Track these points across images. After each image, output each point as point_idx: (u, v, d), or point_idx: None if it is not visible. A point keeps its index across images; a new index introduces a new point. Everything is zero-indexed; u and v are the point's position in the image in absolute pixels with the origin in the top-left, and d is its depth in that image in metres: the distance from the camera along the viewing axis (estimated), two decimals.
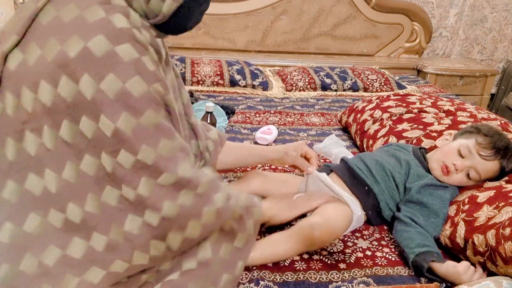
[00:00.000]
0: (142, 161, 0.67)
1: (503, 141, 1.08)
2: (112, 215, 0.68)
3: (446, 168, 1.08)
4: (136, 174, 0.67)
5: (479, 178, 1.07)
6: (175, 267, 0.76)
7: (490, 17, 3.00)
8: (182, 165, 0.71)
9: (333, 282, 0.89)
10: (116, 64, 0.64)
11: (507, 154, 1.07)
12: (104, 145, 0.65)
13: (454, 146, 1.11)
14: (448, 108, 1.53)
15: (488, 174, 1.07)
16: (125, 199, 0.68)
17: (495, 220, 0.91)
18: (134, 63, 0.65)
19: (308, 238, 0.91)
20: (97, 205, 0.68)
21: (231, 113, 1.83)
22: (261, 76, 2.27)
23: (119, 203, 0.68)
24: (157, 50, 0.73)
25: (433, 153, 1.17)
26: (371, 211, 1.08)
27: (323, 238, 0.92)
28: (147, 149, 0.67)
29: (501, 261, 0.85)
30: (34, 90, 0.63)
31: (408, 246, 0.96)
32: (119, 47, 0.64)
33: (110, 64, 0.63)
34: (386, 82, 2.36)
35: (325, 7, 2.71)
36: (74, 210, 0.67)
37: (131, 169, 0.66)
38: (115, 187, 0.67)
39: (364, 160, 1.15)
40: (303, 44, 2.81)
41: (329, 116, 1.92)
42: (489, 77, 2.80)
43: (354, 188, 1.09)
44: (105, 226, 0.68)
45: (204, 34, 2.66)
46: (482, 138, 1.08)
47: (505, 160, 1.07)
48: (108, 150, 0.66)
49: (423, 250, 0.93)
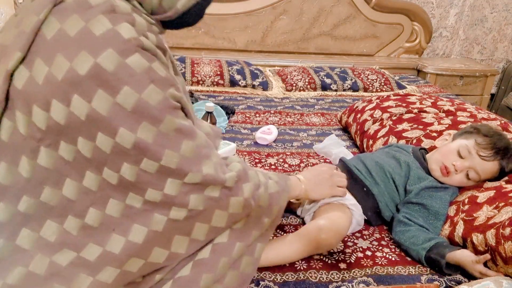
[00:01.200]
0: (166, 166, 0.67)
1: (502, 141, 1.08)
2: (135, 216, 0.68)
3: (445, 169, 1.08)
4: (162, 177, 0.67)
5: (478, 178, 1.07)
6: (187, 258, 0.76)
7: (490, 17, 3.00)
8: (207, 163, 0.72)
9: (333, 282, 0.89)
10: (129, 76, 0.63)
11: (506, 155, 1.07)
12: (124, 157, 0.65)
13: (453, 146, 1.11)
14: (448, 108, 1.53)
15: (488, 174, 1.07)
16: (151, 202, 0.68)
17: (494, 220, 0.91)
18: (146, 72, 0.65)
19: (315, 241, 0.91)
20: (119, 209, 0.68)
21: (231, 113, 1.83)
22: (261, 76, 2.27)
23: (144, 205, 0.68)
24: (163, 49, 0.73)
25: (433, 154, 1.17)
26: (371, 212, 1.08)
27: (329, 241, 0.92)
28: (170, 153, 0.67)
29: (501, 261, 0.85)
30: (46, 109, 0.62)
31: (415, 243, 0.96)
32: (129, 59, 0.63)
33: (123, 77, 0.62)
34: (386, 82, 2.36)
35: (325, 7, 2.71)
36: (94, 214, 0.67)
37: (156, 173, 0.67)
38: (139, 194, 0.67)
39: (363, 161, 1.15)
40: (303, 44, 2.81)
41: (329, 116, 1.92)
42: (489, 77, 2.80)
43: (353, 189, 1.09)
44: (126, 227, 0.68)
45: (204, 34, 2.66)
46: (482, 138, 1.08)
47: (504, 160, 1.06)
48: (130, 160, 0.65)
49: (432, 243, 0.94)
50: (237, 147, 1.49)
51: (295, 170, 1.36)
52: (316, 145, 1.54)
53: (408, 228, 1.00)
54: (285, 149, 1.53)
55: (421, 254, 0.94)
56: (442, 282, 0.91)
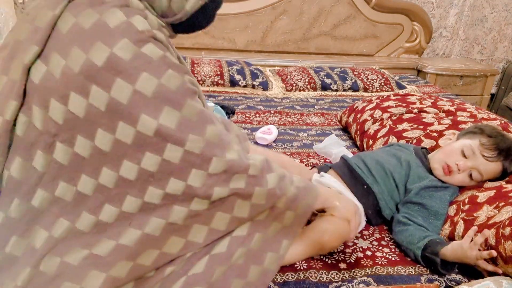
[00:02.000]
0: (191, 151, 0.66)
1: (506, 142, 1.07)
2: (153, 210, 0.67)
3: (448, 168, 1.08)
4: (186, 166, 0.66)
5: (481, 178, 1.07)
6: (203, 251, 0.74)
7: (490, 17, 3.00)
8: (230, 149, 0.71)
9: (333, 282, 0.89)
10: (147, 63, 0.63)
11: (509, 156, 1.06)
12: (146, 146, 0.64)
13: (457, 146, 1.11)
14: (448, 108, 1.53)
15: (490, 175, 1.07)
16: (171, 195, 0.67)
17: (495, 219, 0.91)
18: (162, 59, 0.65)
19: (318, 243, 0.91)
20: (137, 206, 0.67)
21: (231, 113, 1.83)
22: (261, 76, 2.27)
23: (163, 200, 0.67)
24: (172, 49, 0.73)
25: (435, 153, 1.17)
26: (371, 210, 1.08)
27: (332, 244, 0.91)
28: (194, 138, 0.66)
29: (501, 260, 0.85)
30: (64, 102, 0.62)
31: (411, 242, 0.96)
32: (144, 47, 0.64)
33: (141, 64, 0.63)
34: (386, 82, 2.36)
35: (325, 7, 2.71)
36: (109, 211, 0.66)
37: (180, 162, 0.66)
38: (159, 187, 0.66)
39: (364, 159, 1.15)
40: (303, 44, 2.81)
41: (329, 116, 1.92)
42: (489, 77, 2.80)
43: (353, 186, 1.09)
44: (143, 221, 0.67)
45: (204, 34, 2.66)
46: (486, 139, 1.07)
47: (507, 161, 1.06)
48: (153, 149, 0.64)
49: (426, 241, 0.93)
50: None
51: None
52: (316, 145, 1.54)
53: (407, 227, 1.00)
54: (285, 149, 1.53)
55: (417, 253, 0.94)
56: (442, 282, 0.91)
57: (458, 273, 0.94)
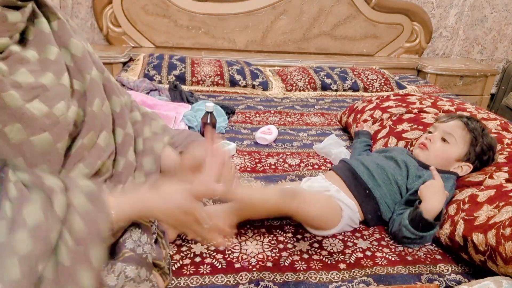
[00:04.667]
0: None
1: (455, 114, 1.33)
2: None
3: (422, 143, 1.21)
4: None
5: (454, 138, 1.17)
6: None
7: (490, 17, 3.00)
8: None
9: (333, 282, 0.89)
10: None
11: (462, 116, 1.22)
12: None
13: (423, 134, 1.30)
14: (448, 108, 1.53)
15: (457, 131, 1.17)
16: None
17: (495, 219, 0.91)
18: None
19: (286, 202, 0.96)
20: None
21: (231, 113, 1.83)
22: (261, 76, 2.27)
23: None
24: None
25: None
26: (371, 214, 1.09)
27: (299, 213, 0.98)
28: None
29: (501, 261, 0.85)
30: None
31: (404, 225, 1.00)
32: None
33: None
34: (386, 82, 2.36)
35: (325, 7, 2.71)
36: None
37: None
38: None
39: (364, 163, 1.16)
40: (303, 44, 2.81)
41: (329, 116, 1.92)
42: (489, 77, 2.80)
43: (354, 190, 1.10)
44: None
45: (204, 34, 2.66)
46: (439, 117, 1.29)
47: (464, 118, 1.21)
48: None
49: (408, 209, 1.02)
50: (237, 147, 1.50)
51: (295, 170, 1.36)
52: (316, 145, 1.54)
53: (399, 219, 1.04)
54: (285, 149, 1.53)
55: (408, 226, 0.99)
56: (442, 282, 0.91)
57: (458, 273, 0.94)
